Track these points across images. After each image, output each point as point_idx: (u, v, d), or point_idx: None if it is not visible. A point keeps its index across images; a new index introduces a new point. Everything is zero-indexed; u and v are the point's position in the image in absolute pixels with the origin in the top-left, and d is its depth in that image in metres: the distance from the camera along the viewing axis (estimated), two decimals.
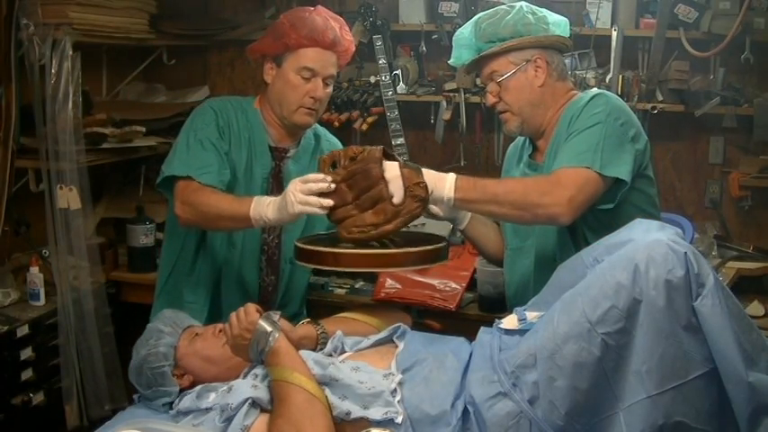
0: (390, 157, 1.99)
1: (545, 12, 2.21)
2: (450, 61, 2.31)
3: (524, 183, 2.11)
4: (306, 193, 1.98)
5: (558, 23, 2.20)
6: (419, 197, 1.93)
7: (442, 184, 1.97)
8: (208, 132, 2.32)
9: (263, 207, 2.08)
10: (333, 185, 1.96)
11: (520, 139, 2.36)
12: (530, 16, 2.16)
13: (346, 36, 2.38)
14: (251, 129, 2.40)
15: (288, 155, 2.45)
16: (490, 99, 2.23)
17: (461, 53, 2.25)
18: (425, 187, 1.94)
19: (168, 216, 2.52)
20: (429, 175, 1.97)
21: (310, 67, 2.31)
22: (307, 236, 2.29)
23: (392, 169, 1.94)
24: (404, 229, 2.01)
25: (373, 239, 2.00)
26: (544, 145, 2.22)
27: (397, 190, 1.93)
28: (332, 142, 2.58)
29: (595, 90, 2.23)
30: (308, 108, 2.34)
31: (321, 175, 1.99)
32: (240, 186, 2.36)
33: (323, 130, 2.60)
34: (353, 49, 2.44)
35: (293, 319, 2.53)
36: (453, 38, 2.28)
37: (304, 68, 2.31)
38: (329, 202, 1.97)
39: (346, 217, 1.99)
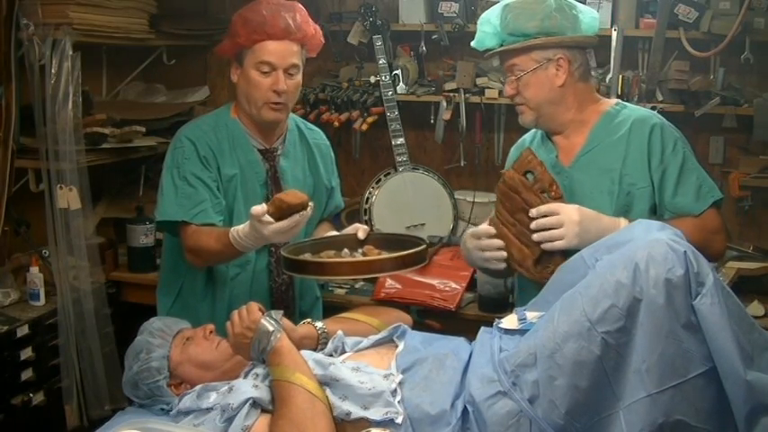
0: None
1: (574, 4, 2.17)
2: (473, 43, 2.28)
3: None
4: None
5: (584, 19, 2.17)
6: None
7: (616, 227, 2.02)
8: (191, 166, 2.26)
9: (241, 238, 2.08)
10: (271, 219, 2.00)
11: (526, 138, 2.36)
12: (557, 14, 2.12)
13: (304, 21, 2.29)
14: (234, 141, 2.34)
15: (278, 153, 2.41)
16: (509, 90, 2.21)
17: (484, 38, 2.22)
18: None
19: (164, 253, 2.49)
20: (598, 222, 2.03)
21: (267, 61, 2.24)
22: (293, 244, 2.23)
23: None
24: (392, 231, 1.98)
25: None
26: (566, 144, 2.22)
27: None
28: (313, 130, 2.56)
29: (643, 111, 2.22)
30: (274, 103, 2.28)
31: (261, 208, 2.01)
32: (240, 201, 2.33)
33: (300, 120, 2.55)
34: (316, 32, 2.34)
35: (310, 310, 2.53)
36: (479, 18, 2.25)
37: (261, 63, 2.24)
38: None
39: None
